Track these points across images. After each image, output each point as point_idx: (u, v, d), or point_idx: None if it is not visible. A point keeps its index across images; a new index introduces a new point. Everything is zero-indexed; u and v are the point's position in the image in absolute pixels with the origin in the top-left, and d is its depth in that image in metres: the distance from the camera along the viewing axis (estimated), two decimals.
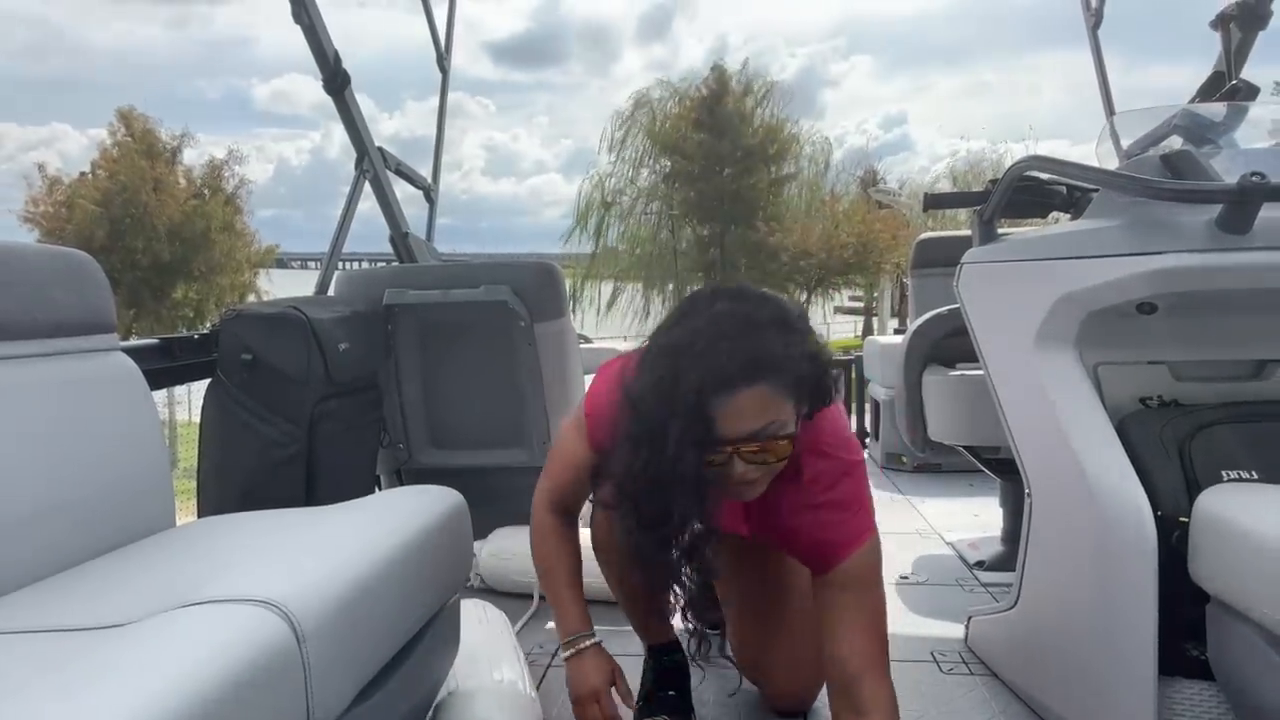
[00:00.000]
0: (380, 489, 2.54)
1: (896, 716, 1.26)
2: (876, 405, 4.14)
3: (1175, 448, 1.38)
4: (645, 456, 1.15)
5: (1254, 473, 1.35)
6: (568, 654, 1.40)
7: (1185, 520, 1.31)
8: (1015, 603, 1.70)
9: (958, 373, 2.57)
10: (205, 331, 2.09)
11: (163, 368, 1.92)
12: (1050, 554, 1.58)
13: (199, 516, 1.91)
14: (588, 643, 1.41)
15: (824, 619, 1.32)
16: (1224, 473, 1.35)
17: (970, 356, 1.82)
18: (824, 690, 1.63)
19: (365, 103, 2.71)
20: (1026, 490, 1.63)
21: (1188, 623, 1.31)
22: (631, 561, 1.35)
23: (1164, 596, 1.30)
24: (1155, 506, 1.33)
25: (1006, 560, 2.43)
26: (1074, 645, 1.47)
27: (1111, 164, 1.78)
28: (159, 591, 1.02)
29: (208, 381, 2.04)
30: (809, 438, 1.25)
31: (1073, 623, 1.47)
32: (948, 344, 2.67)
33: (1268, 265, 1.33)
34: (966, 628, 1.93)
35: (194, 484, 2.05)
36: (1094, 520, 1.38)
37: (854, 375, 4.59)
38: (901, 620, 2.13)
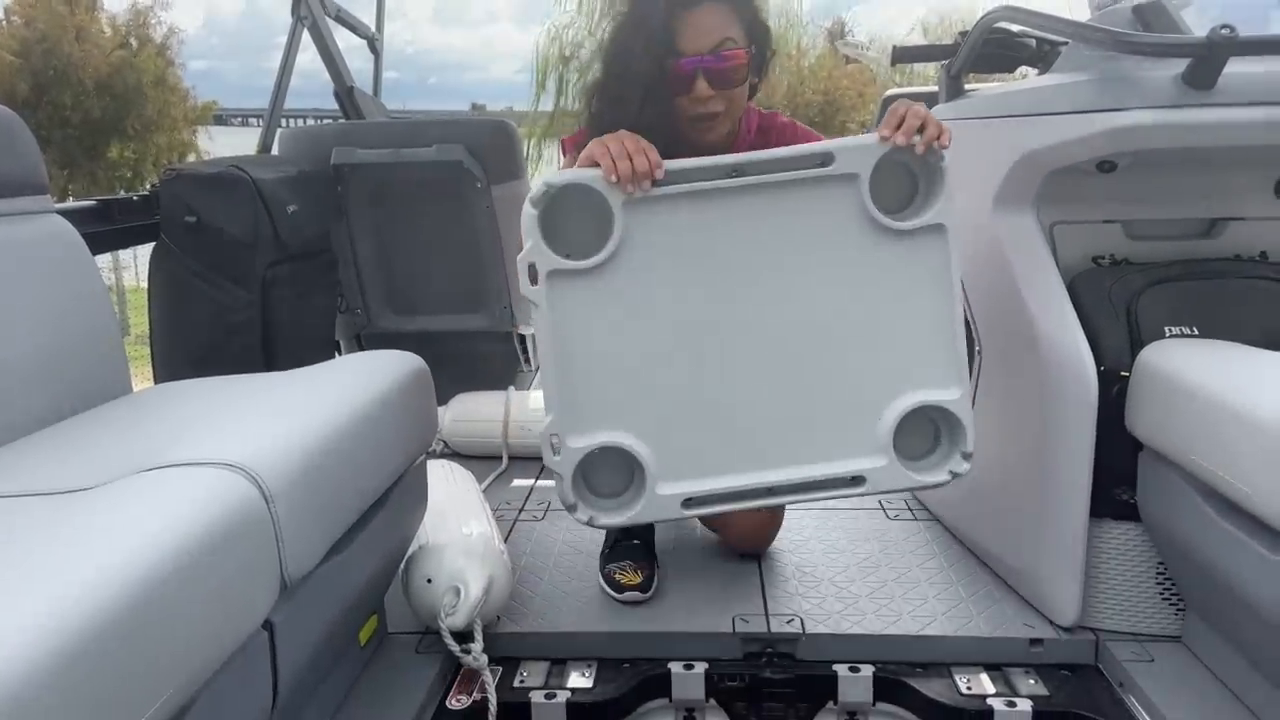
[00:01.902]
0: (340, 355, 2.53)
1: None
2: None
3: (1123, 305, 1.42)
4: (617, 72, 1.32)
5: (1195, 329, 1.39)
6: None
7: (1126, 375, 1.37)
8: None
9: None
10: (145, 193, 2.00)
11: (102, 231, 1.84)
12: (997, 407, 1.64)
13: (155, 383, 1.89)
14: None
15: None
16: (1167, 329, 1.40)
17: None
18: (781, 532, 1.73)
19: None
20: (977, 346, 1.68)
21: (1120, 470, 1.40)
22: None
23: (1100, 445, 1.37)
24: (1099, 361, 1.38)
25: None
26: (1013, 491, 1.56)
27: (1083, 15, 1.73)
28: (121, 456, 1.02)
29: (153, 245, 1.98)
30: (769, 115, 1.52)
31: (1014, 471, 1.56)
32: None
33: (1230, 122, 1.33)
34: None
35: (148, 350, 2.02)
36: (1039, 374, 1.43)
37: None
38: None
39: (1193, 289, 1.43)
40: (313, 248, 2.24)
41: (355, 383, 1.27)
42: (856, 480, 1.26)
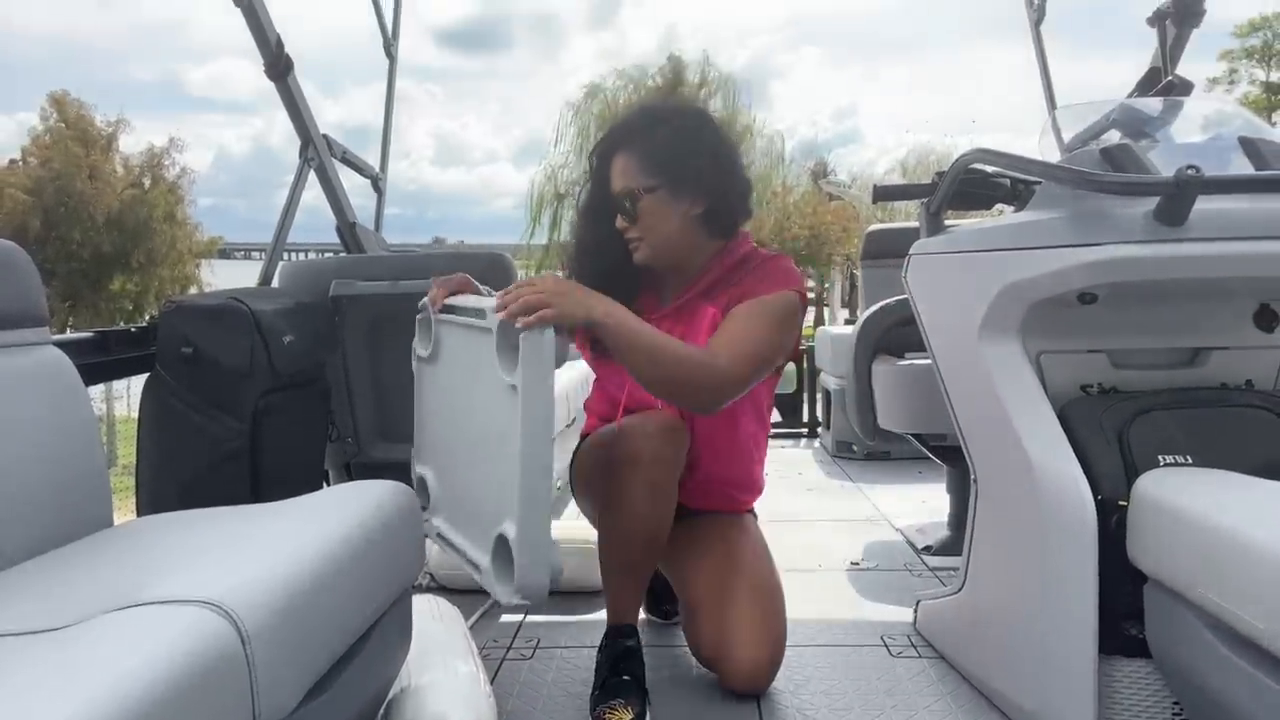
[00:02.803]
0: (329, 484, 2.50)
1: (730, 368, 1.50)
2: (828, 394, 4.20)
3: (1115, 433, 1.42)
4: (581, 221, 1.77)
5: (1189, 457, 1.39)
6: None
7: (1124, 504, 1.35)
8: (961, 586, 1.74)
9: (906, 362, 2.61)
10: (143, 325, 2.03)
11: (98, 362, 1.85)
12: (995, 538, 1.62)
13: (139, 515, 1.85)
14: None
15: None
16: (1161, 457, 1.39)
17: (918, 346, 1.85)
18: (781, 671, 1.66)
19: (308, 89, 2.64)
20: (972, 476, 1.66)
21: (1127, 603, 1.36)
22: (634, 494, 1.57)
23: (1104, 578, 1.34)
24: (1095, 490, 1.36)
25: (953, 545, 2.48)
26: (1018, 626, 1.51)
27: (1054, 156, 1.82)
28: (98, 593, 0.99)
29: (146, 376, 1.98)
30: (756, 251, 1.72)
31: (1016, 604, 1.51)
32: (896, 334, 2.72)
33: (1202, 256, 1.38)
34: (915, 612, 1.97)
35: (134, 482, 1.99)
36: (1036, 504, 1.41)
37: (805, 365, 4.65)
38: (851, 605, 2.16)
39: (1183, 417, 1.44)
40: (306, 377, 2.25)
41: (341, 514, 1.24)
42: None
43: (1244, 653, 1.13)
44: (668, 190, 1.62)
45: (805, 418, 4.68)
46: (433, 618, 1.70)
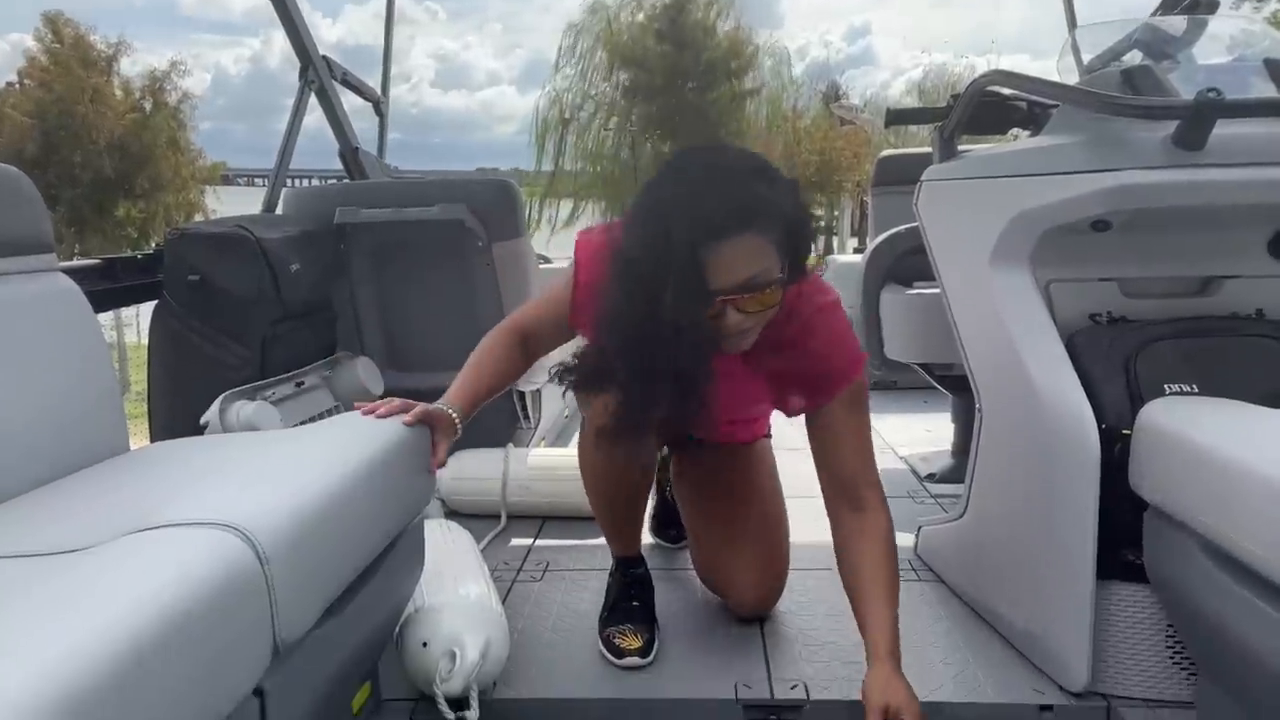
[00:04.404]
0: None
1: (887, 510, 1.42)
2: None
3: (1121, 363, 1.42)
4: (642, 312, 1.14)
5: (1194, 386, 1.39)
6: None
7: (1128, 432, 1.36)
8: (963, 513, 1.77)
9: (915, 291, 2.60)
10: (150, 252, 2.02)
11: (106, 289, 1.86)
12: (998, 466, 1.63)
13: (152, 441, 1.88)
14: (450, 410, 1.36)
15: (817, 447, 1.42)
16: (1166, 386, 1.39)
17: (928, 275, 1.83)
18: (785, 594, 1.70)
19: (303, 6, 2.57)
20: (978, 405, 1.67)
21: (1126, 530, 1.38)
22: (610, 456, 1.45)
23: (1104, 505, 1.36)
24: (1100, 419, 1.37)
25: (956, 472, 2.50)
26: (1017, 552, 1.53)
27: (1072, 79, 1.76)
28: (116, 516, 1.01)
29: (155, 303, 1.99)
30: (789, 302, 1.29)
31: (1017, 530, 1.54)
32: (906, 262, 2.69)
33: (1219, 182, 1.35)
34: (916, 537, 2.01)
35: (146, 408, 2.02)
36: (1040, 433, 1.42)
37: None
38: None
39: (1191, 346, 1.43)
40: (313, 305, 2.25)
41: (353, 441, 1.26)
42: None
43: (1241, 578, 1.15)
44: (793, 268, 1.22)
45: None
46: (445, 541, 1.74)
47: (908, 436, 3.10)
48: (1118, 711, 1.37)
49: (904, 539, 2.04)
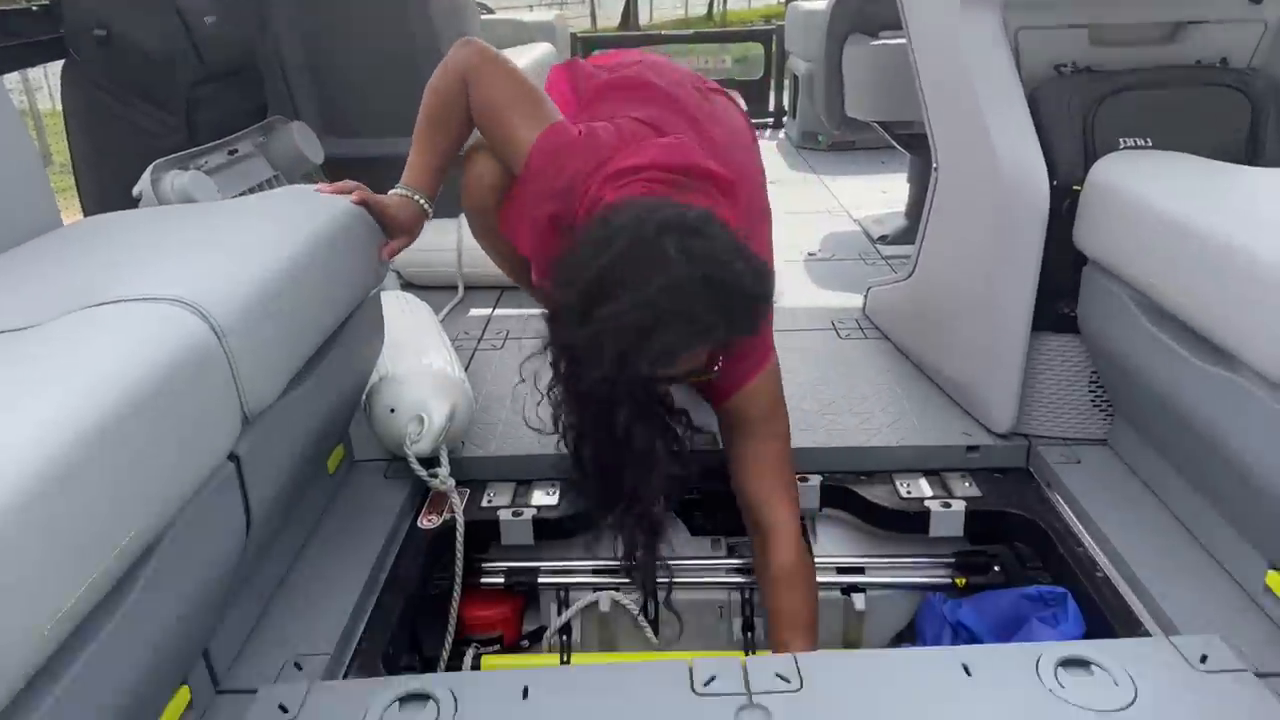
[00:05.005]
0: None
1: (796, 536, 1.27)
2: (796, 80, 4.03)
3: (1080, 116, 1.41)
4: (591, 433, 1.15)
5: (1149, 140, 1.39)
6: (395, 192, 1.34)
7: (1078, 189, 1.38)
8: (912, 273, 1.82)
9: (879, 42, 2.49)
10: (45, 3, 1.82)
11: (2, 47, 1.69)
12: (949, 225, 1.66)
13: (85, 216, 1.80)
14: (419, 198, 1.33)
15: (730, 452, 1.33)
16: (1122, 140, 1.39)
17: (895, 24, 1.74)
18: None
19: None
20: (934, 164, 1.66)
21: (1064, 284, 1.43)
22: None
23: (1046, 261, 1.40)
24: (1053, 176, 1.38)
25: (908, 234, 2.55)
26: (959, 307, 1.60)
27: None
28: (60, 293, 0.99)
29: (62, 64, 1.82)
30: None
31: (961, 287, 1.59)
32: (872, 10, 2.55)
33: None
34: (865, 298, 2.07)
35: (74, 182, 1.92)
36: (993, 190, 1.43)
37: (774, 49, 4.39)
38: (804, 294, 2.26)
39: (1151, 99, 1.42)
40: (237, 64, 2.08)
41: (302, 214, 1.22)
42: None
43: (1165, 326, 1.22)
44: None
45: (771, 106, 4.52)
46: (404, 312, 1.75)
47: (863, 199, 3.10)
48: (1036, 449, 1.50)
49: (853, 300, 2.12)
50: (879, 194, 3.14)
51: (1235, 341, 1.07)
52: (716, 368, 1.16)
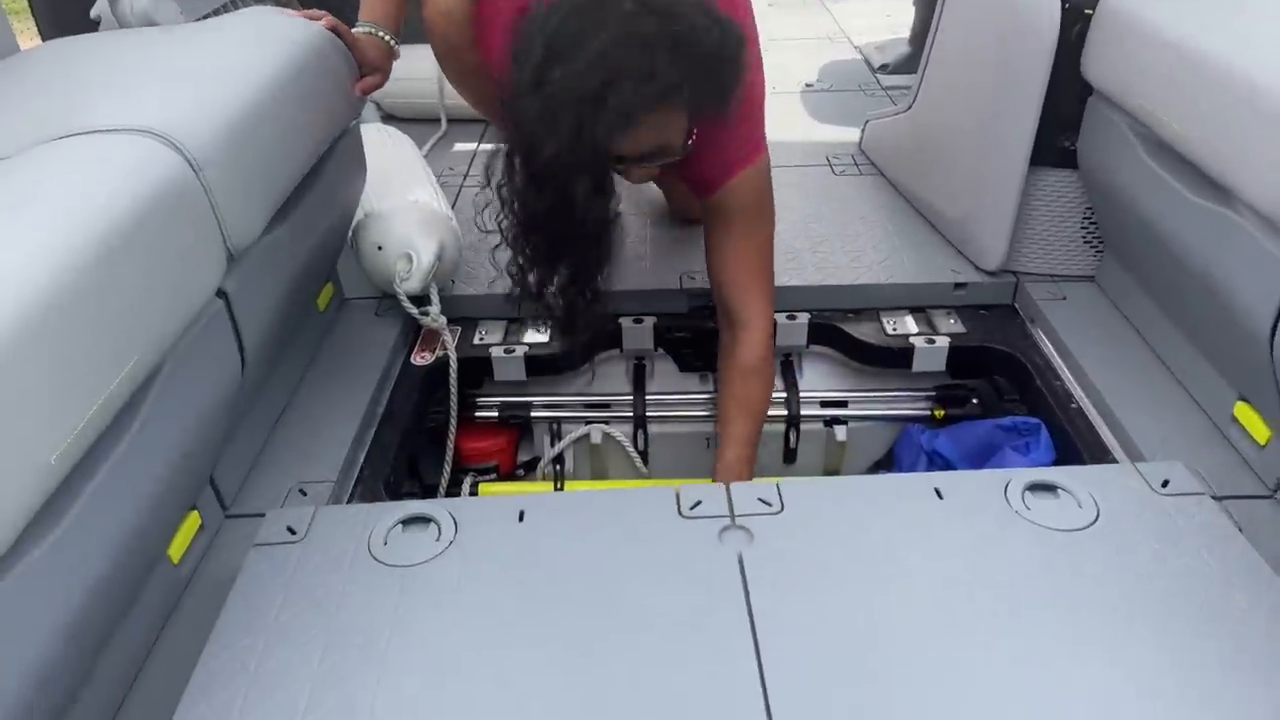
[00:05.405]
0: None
1: (765, 335, 1.28)
2: None
3: None
4: (550, 206, 1.07)
5: None
6: (357, 30, 1.30)
7: (1090, 12, 1.31)
8: (912, 104, 1.76)
9: None
10: None
11: None
12: (954, 51, 1.59)
13: (43, 40, 1.70)
14: (385, 35, 1.30)
15: (710, 244, 1.30)
16: None
17: None
18: None
19: None
20: None
21: (1067, 117, 1.39)
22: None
23: (1051, 92, 1.36)
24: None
25: (910, 63, 2.43)
26: (959, 140, 1.56)
27: None
28: (25, 123, 0.95)
29: None
30: None
31: (962, 118, 1.54)
32: None
33: None
34: (862, 131, 2.01)
35: (27, 4, 1.80)
36: (1003, 12, 1.36)
37: None
38: (801, 127, 2.19)
39: None
40: None
41: (270, 38, 1.16)
42: None
43: (1163, 159, 1.20)
44: (711, 107, 1.10)
45: None
46: (387, 145, 1.70)
47: (865, 24, 2.95)
48: (1024, 285, 1.51)
49: (850, 134, 2.06)
50: (884, 18, 2.98)
51: (1229, 172, 1.05)
52: (690, 143, 1.12)
